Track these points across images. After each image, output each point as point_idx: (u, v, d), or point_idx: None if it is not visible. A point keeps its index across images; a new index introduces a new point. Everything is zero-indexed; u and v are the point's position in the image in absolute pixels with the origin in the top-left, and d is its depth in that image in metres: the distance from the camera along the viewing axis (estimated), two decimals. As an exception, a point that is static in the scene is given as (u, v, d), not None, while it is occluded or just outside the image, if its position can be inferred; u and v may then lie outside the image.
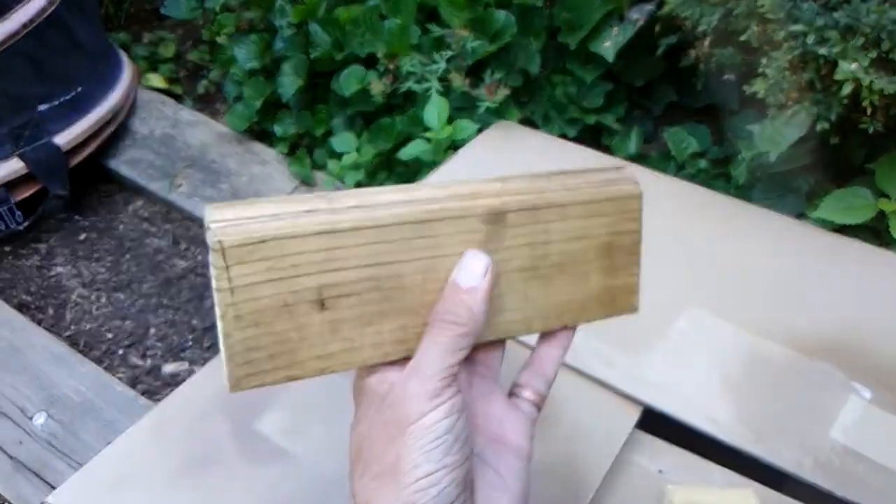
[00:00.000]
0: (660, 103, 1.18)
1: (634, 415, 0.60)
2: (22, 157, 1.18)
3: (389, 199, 0.34)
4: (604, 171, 0.40)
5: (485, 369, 0.40)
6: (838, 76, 0.72)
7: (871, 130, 0.77)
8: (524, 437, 0.38)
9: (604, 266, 0.40)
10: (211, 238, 0.30)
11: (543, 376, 0.40)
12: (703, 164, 1.03)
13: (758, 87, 0.82)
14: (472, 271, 0.35)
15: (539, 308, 0.39)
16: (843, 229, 0.80)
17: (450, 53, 1.07)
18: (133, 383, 1.02)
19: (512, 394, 0.40)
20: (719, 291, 0.72)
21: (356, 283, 0.33)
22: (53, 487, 0.56)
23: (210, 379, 0.64)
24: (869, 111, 0.75)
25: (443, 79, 1.07)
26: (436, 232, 0.34)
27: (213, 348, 1.07)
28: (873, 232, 0.81)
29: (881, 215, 0.80)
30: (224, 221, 0.30)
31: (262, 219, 0.31)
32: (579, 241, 0.39)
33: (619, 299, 0.42)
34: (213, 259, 0.30)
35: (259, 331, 0.31)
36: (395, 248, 0.33)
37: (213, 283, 0.31)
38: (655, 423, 0.61)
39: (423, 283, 0.35)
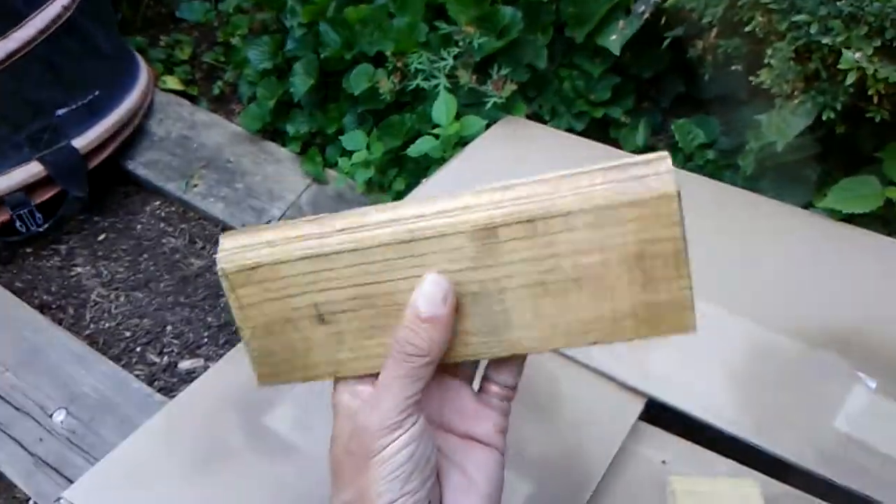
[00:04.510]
0: (668, 95, 1.17)
1: (638, 406, 0.61)
2: (41, 160, 1.20)
3: (376, 219, 0.35)
4: (630, 167, 0.33)
5: (454, 367, 0.39)
6: (842, 65, 0.71)
7: (877, 119, 0.76)
8: (494, 433, 0.38)
9: (635, 280, 0.35)
10: (218, 265, 0.36)
11: (510, 369, 0.39)
12: (710, 155, 1.02)
13: (764, 78, 0.81)
14: (433, 298, 0.34)
15: (556, 325, 0.35)
16: (851, 218, 0.79)
17: (457, 50, 1.07)
18: (150, 381, 1.04)
19: (481, 389, 0.40)
20: (725, 282, 0.72)
21: (349, 300, 0.36)
22: (73, 483, 0.58)
23: (220, 376, 0.65)
24: (875, 100, 0.74)
25: (450, 75, 1.07)
26: (421, 251, 0.34)
27: (228, 344, 1.09)
28: (882, 220, 0.80)
29: (889, 203, 0.78)
30: (228, 250, 0.36)
31: (258, 246, 0.35)
32: (594, 253, 0.34)
33: (667, 317, 0.37)
34: (223, 284, 0.36)
35: (271, 340, 0.36)
36: (380, 269, 0.35)
37: (229, 303, 0.36)
38: (659, 414, 0.61)
39: None
